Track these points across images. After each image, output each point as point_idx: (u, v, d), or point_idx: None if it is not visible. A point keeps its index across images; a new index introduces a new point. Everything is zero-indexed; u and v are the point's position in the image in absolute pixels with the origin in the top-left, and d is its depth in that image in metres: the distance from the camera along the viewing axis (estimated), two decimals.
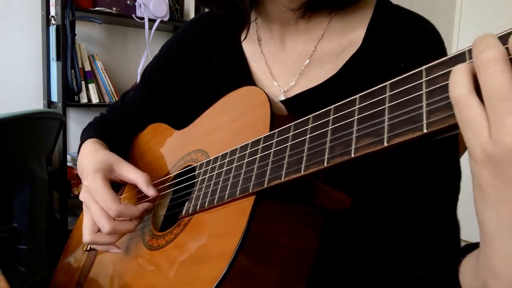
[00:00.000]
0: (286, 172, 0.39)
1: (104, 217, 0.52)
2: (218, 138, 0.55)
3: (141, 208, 0.56)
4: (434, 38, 0.56)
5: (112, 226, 0.52)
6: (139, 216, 0.55)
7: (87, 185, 0.55)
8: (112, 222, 0.53)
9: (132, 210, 0.54)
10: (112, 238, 0.55)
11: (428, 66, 0.30)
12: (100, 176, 0.55)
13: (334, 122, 0.37)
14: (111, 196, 0.53)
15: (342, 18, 0.59)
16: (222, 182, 0.47)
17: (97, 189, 0.54)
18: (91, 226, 0.55)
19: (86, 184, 0.56)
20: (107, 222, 0.52)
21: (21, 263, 1.34)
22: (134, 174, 0.59)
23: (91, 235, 0.55)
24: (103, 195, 0.53)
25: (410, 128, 0.29)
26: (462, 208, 0.57)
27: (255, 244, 0.41)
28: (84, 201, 0.56)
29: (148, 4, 2.13)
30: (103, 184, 0.54)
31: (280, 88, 0.61)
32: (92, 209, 0.54)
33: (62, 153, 1.94)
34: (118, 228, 0.53)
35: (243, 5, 0.58)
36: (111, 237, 0.55)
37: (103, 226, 0.52)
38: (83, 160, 0.66)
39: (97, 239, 0.55)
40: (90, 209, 0.54)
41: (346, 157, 0.34)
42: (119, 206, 0.52)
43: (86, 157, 0.66)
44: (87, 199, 0.55)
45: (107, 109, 0.82)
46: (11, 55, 2.00)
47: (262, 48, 0.65)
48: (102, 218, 0.53)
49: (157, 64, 0.75)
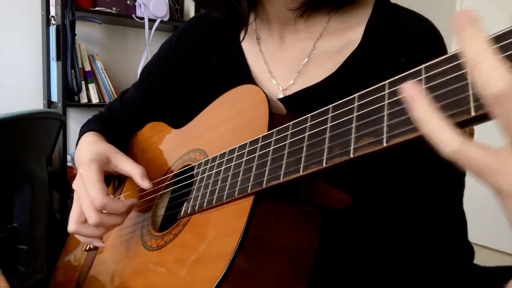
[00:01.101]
0: (285, 172, 0.39)
1: (92, 209, 0.52)
2: (216, 137, 0.55)
3: (127, 204, 0.55)
4: (433, 35, 0.56)
5: (99, 218, 0.52)
6: (124, 212, 0.55)
7: (82, 173, 0.55)
8: (99, 214, 0.52)
9: (117, 205, 0.54)
10: (97, 231, 0.54)
11: (427, 64, 0.30)
12: (95, 166, 0.55)
13: (333, 121, 0.36)
14: (100, 187, 0.53)
15: (341, 17, 0.59)
16: (221, 182, 0.47)
17: (89, 178, 0.54)
18: (78, 215, 0.55)
19: (81, 172, 0.55)
20: (95, 214, 0.52)
21: (21, 263, 1.34)
22: (130, 166, 0.59)
23: (76, 225, 0.55)
24: (92, 184, 0.53)
25: (409, 128, 0.29)
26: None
27: (255, 244, 0.41)
28: (76, 190, 0.56)
29: (148, 4, 2.13)
30: (96, 174, 0.54)
31: (279, 87, 0.61)
32: (82, 199, 0.53)
33: (62, 153, 1.94)
34: (105, 221, 0.53)
35: (241, 8, 0.59)
36: (96, 230, 0.54)
37: (90, 217, 0.52)
38: (81, 151, 0.66)
39: (81, 230, 0.55)
40: (81, 198, 0.54)
41: (345, 157, 0.33)
42: (104, 198, 0.52)
43: (84, 148, 0.66)
44: (79, 187, 0.55)
45: (106, 108, 0.82)
46: (11, 55, 2.00)
47: (261, 47, 0.65)
48: (90, 209, 0.52)
49: (156, 63, 0.75)
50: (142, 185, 0.56)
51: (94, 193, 0.52)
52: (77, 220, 0.55)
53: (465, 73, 0.27)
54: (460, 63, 0.28)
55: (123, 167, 0.59)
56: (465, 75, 0.27)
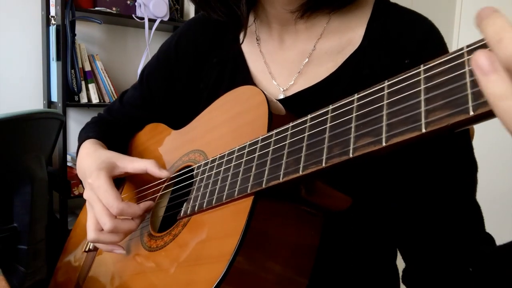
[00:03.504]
0: (285, 172, 0.39)
1: (106, 215, 0.52)
2: (216, 138, 0.55)
3: (143, 207, 0.55)
4: (434, 34, 0.56)
5: (114, 224, 0.52)
6: (140, 215, 0.55)
7: (91, 183, 0.55)
8: (113, 220, 0.52)
9: (133, 209, 0.54)
10: (115, 237, 0.55)
11: (427, 64, 0.30)
12: (104, 174, 0.55)
13: (332, 121, 0.36)
14: (114, 194, 0.53)
15: (341, 17, 0.59)
16: (220, 183, 0.47)
17: (100, 186, 0.54)
18: (95, 224, 0.55)
19: (90, 181, 0.55)
20: (109, 220, 0.52)
21: (21, 263, 1.34)
22: (140, 162, 0.59)
23: (95, 233, 0.55)
24: (105, 192, 0.53)
25: (408, 128, 0.29)
26: None
27: (254, 244, 0.41)
28: (88, 199, 0.56)
29: (148, 4, 2.13)
30: (106, 182, 0.54)
31: (279, 87, 0.61)
32: (95, 207, 0.54)
33: (62, 153, 1.94)
34: (120, 227, 0.53)
35: (240, 10, 0.59)
36: (113, 236, 0.54)
37: (105, 223, 0.52)
38: (83, 161, 0.66)
39: (101, 237, 0.55)
40: (93, 206, 0.54)
41: (345, 157, 0.33)
42: (120, 204, 0.52)
43: (86, 158, 0.66)
44: (91, 196, 0.55)
45: (105, 109, 0.82)
46: (11, 55, 2.00)
47: (261, 48, 0.65)
48: (104, 216, 0.52)
49: (155, 64, 0.75)
50: (161, 175, 0.56)
51: (109, 200, 0.52)
52: (95, 228, 0.55)
53: (464, 73, 0.27)
54: (459, 63, 0.28)
55: (134, 166, 0.59)
56: (464, 75, 0.27)
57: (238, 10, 0.59)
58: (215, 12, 0.61)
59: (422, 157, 0.52)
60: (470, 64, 0.26)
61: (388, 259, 0.63)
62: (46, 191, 1.47)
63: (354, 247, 0.58)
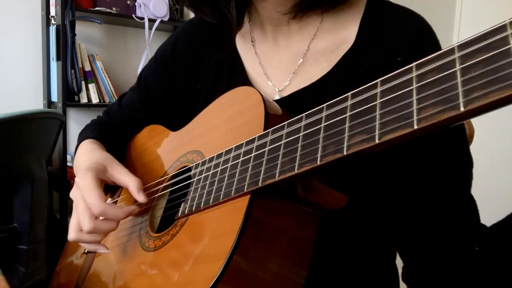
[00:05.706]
0: (280, 171, 0.39)
1: (87, 216, 0.52)
2: (213, 138, 0.55)
3: (127, 211, 0.55)
4: (427, 31, 0.56)
5: (93, 225, 0.52)
6: (122, 218, 0.55)
7: (78, 182, 0.55)
8: (93, 221, 0.52)
9: (115, 211, 0.53)
10: (94, 237, 0.55)
11: (419, 62, 0.30)
12: (91, 174, 0.55)
13: (327, 120, 0.37)
14: (97, 194, 0.53)
15: (334, 16, 0.59)
16: (217, 182, 0.47)
17: (85, 186, 0.54)
18: (76, 224, 0.55)
19: (77, 180, 0.56)
20: (88, 221, 0.52)
21: (21, 263, 1.35)
22: (126, 177, 0.58)
23: (76, 233, 0.55)
24: (89, 192, 0.53)
25: (401, 125, 0.29)
26: None
27: (251, 244, 0.41)
28: (73, 198, 0.56)
29: (148, 4, 2.13)
30: (92, 182, 0.54)
31: (275, 88, 0.61)
32: (78, 206, 0.54)
33: (62, 153, 1.94)
34: (99, 227, 0.53)
35: (230, 14, 0.59)
36: (93, 236, 0.55)
37: (84, 224, 0.52)
38: (79, 159, 0.66)
39: (81, 237, 0.55)
40: (77, 206, 0.54)
41: (339, 155, 0.34)
42: (102, 204, 0.52)
43: (82, 156, 0.66)
44: (75, 196, 0.55)
45: (104, 112, 0.82)
46: (11, 55, 2.01)
47: (256, 49, 0.65)
48: (84, 216, 0.52)
49: (153, 66, 0.75)
50: (138, 198, 0.56)
51: (91, 200, 0.52)
52: (76, 228, 0.55)
53: (455, 70, 0.27)
54: (450, 60, 0.28)
55: (119, 178, 0.59)
56: (455, 72, 0.27)
57: (228, 13, 0.59)
58: (206, 15, 0.62)
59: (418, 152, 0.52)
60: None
61: (387, 258, 0.63)
62: (46, 191, 1.47)
63: (352, 246, 0.59)
